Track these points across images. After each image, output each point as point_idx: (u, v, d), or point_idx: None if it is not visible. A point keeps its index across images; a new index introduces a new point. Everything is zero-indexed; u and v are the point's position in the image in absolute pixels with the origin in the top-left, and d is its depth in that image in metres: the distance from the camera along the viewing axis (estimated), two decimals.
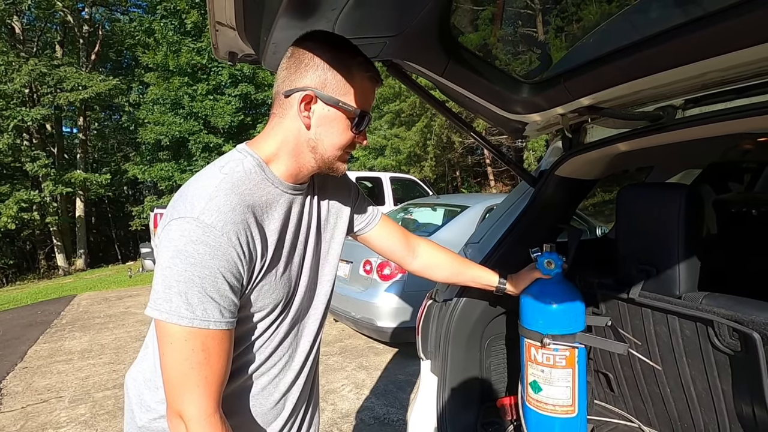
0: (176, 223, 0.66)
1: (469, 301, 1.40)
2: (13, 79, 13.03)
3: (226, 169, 0.73)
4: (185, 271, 0.64)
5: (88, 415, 3.01)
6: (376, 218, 1.05)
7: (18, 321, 6.17)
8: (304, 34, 0.76)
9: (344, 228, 0.96)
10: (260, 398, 0.81)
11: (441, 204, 4.87)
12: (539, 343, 1.16)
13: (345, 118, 0.76)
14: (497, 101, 1.28)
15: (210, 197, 0.68)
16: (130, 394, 0.84)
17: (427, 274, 1.15)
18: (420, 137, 14.22)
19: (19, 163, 14.20)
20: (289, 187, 0.79)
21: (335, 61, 0.73)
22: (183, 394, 0.65)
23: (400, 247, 1.09)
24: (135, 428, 0.82)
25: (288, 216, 0.80)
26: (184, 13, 13.50)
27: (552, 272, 1.15)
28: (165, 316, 0.64)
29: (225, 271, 0.66)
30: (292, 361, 0.86)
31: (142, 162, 14.90)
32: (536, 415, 1.21)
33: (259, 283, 0.74)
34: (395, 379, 3.31)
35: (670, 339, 1.17)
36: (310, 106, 0.74)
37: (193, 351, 0.65)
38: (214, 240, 0.65)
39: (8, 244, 17.17)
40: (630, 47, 0.92)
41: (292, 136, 0.76)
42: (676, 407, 1.23)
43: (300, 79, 0.73)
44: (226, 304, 0.67)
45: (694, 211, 1.15)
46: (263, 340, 0.79)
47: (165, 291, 0.65)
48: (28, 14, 15.48)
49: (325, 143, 0.76)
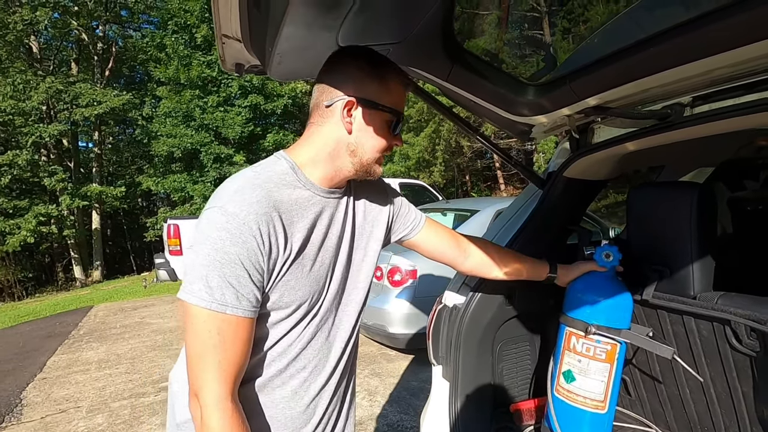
0: (206, 213, 0.72)
1: (480, 305, 1.39)
2: (31, 97, 13.42)
3: (258, 168, 0.79)
4: (208, 255, 0.68)
5: (105, 424, 3.05)
6: (421, 223, 1.06)
7: (37, 332, 6.30)
8: (339, 50, 0.84)
9: (380, 236, 0.97)
10: (291, 401, 0.82)
11: (451, 209, 4.85)
12: (582, 332, 1.14)
13: (383, 120, 0.82)
14: (503, 104, 1.28)
15: (237, 190, 0.73)
16: (172, 390, 0.88)
17: (480, 273, 1.15)
18: (428, 142, 14.23)
19: (37, 178, 14.58)
20: (323, 191, 0.82)
21: (371, 69, 0.81)
22: (199, 374, 0.68)
23: (450, 248, 1.09)
24: (174, 425, 0.84)
25: (318, 218, 0.82)
26: (194, 28, 13.79)
27: (608, 264, 1.15)
28: (188, 297, 0.69)
29: (245, 258, 0.69)
30: (324, 366, 0.86)
31: (155, 174, 15.16)
32: (564, 405, 1.19)
33: (284, 277, 0.76)
34: (408, 386, 3.28)
35: (687, 340, 1.15)
36: (351, 112, 0.80)
37: (209, 333, 0.68)
38: (236, 228, 0.69)
39: (27, 258, 17.57)
40: (635, 46, 0.91)
41: (332, 141, 0.81)
42: (696, 409, 1.20)
43: (341, 88, 0.80)
44: (245, 291, 0.70)
45: (708, 210, 1.13)
46: (290, 339, 0.80)
47: (191, 274, 0.69)
48: (45, 34, 15.98)
49: (366, 146, 0.81)
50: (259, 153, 14.65)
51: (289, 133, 15.51)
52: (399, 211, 1.03)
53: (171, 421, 0.86)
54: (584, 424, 1.16)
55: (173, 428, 0.84)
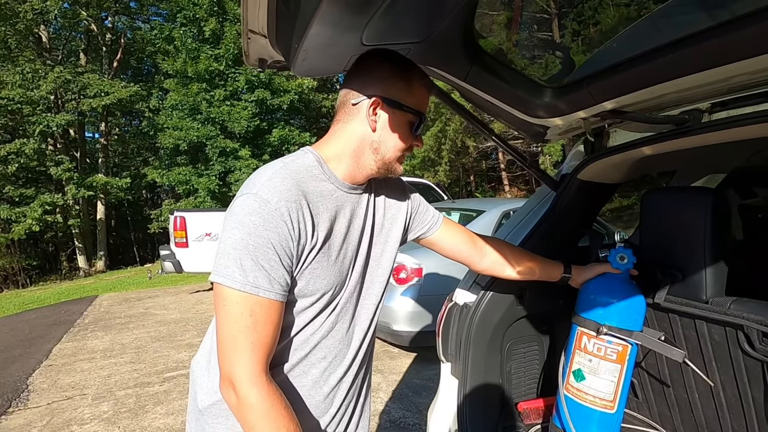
0: (238, 199, 0.75)
1: (490, 304, 1.40)
2: (39, 86, 13.51)
3: (287, 160, 0.82)
4: (241, 239, 0.71)
5: (111, 412, 3.08)
6: (438, 222, 1.08)
7: (42, 320, 6.36)
8: (367, 52, 0.88)
9: (399, 234, 0.99)
10: (312, 390, 0.84)
11: (456, 208, 4.86)
12: (594, 332, 1.15)
13: (406, 121, 0.85)
14: (519, 105, 1.28)
15: (268, 178, 0.76)
16: (194, 377, 0.90)
17: (495, 272, 1.17)
18: (434, 142, 14.23)
19: (43, 167, 14.68)
20: (346, 186, 0.85)
21: (397, 71, 0.84)
22: (231, 356, 0.70)
23: (467, 247, 1.11)
24: (196, 410, 0.86)
25: (340, 212, 0.84)
26: (202, 21, 13.79)
27: (623, 267, 1.16)
28: (221, 279, 0.71)
29: (276, 243, 0.72)
30: (344, 357, 0.88)
31: (160, 166, 15.21)
32: (574, 403, 1.21)
33: (311, 264, 0.78)
34: (411, 383, 3.30)
35: (699, 344, 1.15)
36: (376, 111, 0.83)
37: (242, 315, 0.70)
38: (268, 213, 0.72)
39: (32, 246, 17.70)
40: (655, 51, 0.92)
41: (356, 138, 0.84)
42: (704, 414, 1.21)
43: (367, 88, 0.83)
44: (276, 275, 0.72)
45: (722, 215, 1.14)
46: (313, 328, 0.83)
47: (224, 257, 0.71)
48: (55, 23, 16.04)
49: (389, 144, 0.84)
50: (265, 148, 14.68)
51: (294, 128, 15.52)
52: (417, 209, 1.05)
53: (192, 407, 0.89)
54: (593, 422, 1.17)
55: (195, 414, 0.86)
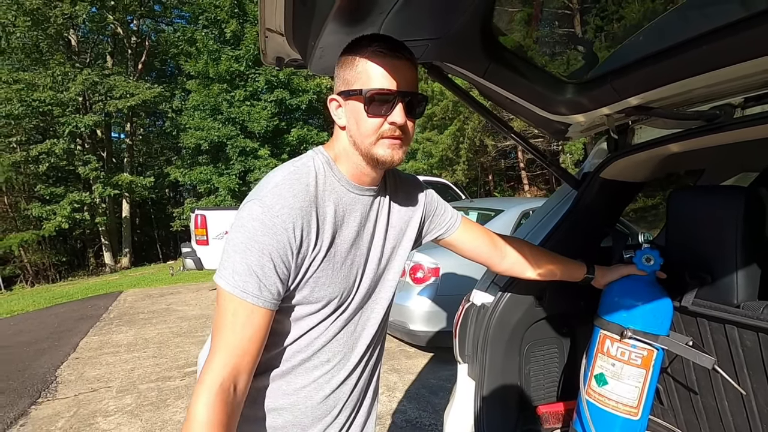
0: (245, 204, 0.75)
1: (509, 305, 1.38)
2: (68, 89, 13.99)
3: (297, 163, 0.81)
4: (240, 243, 0.71)
5: (134, 405, 3.16)
6: (457, 222, 1.05)
7: (71, 314, 6.60)
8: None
9: (412, 236, 0.96)
10: (312, 391, 0.83)
11: (475, 207, 4.80)
12: (617, 335, 1.11)
13: (359, 103, 0.77)
14: (540, 102, 1.25)
15: (276, 184, 0.75)
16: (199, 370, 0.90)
17: (515, 273, 1.14)
18: (452, 141, 14.12)
19: (72, 166, 15.21)
20: (355, 188, 0.83)
21: (345, 58, 0.79)
22: (211, 355, 0.71)
23: (486, 248, 1.08)
24: None
25: (349, 215, 0.82)
26: (223, 23, 14.07)
27: (649, 268, 1.12)
28: (217, 278, 0.73)
29: (273, 251, 0.71)
30: (347, 361, 0.87)
31: (182, 165, 15.59)
32: (595, 408, 1.17)
33: (315, 273, 0.77)
34: (427, 383, 3.28)
35: (729, 349, 1.10)
36: (338, 109, 0.82)
37: (227, 313, 0.71)
38: (269, 220, 0.71)
39: (62, 243, 18.37)
40: (686, 43, 0.88)
41: (341, 137, 0.83)
42: (734, 422, 1.15)
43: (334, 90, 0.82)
44: (267, 283, 0.71)
45: (755, 215, 1.08)
46: (317, 332, 0.82)
47: (224, 258, 0.73)
48: (83, 27, 16.59)
49: (357, 135, 0.79)
50: (284, 147, 14.86)
51: (312, 128, 15.68)
52: (435, 210, 1.02)
53: None
54: (615, 428, 1.14)
55: None
